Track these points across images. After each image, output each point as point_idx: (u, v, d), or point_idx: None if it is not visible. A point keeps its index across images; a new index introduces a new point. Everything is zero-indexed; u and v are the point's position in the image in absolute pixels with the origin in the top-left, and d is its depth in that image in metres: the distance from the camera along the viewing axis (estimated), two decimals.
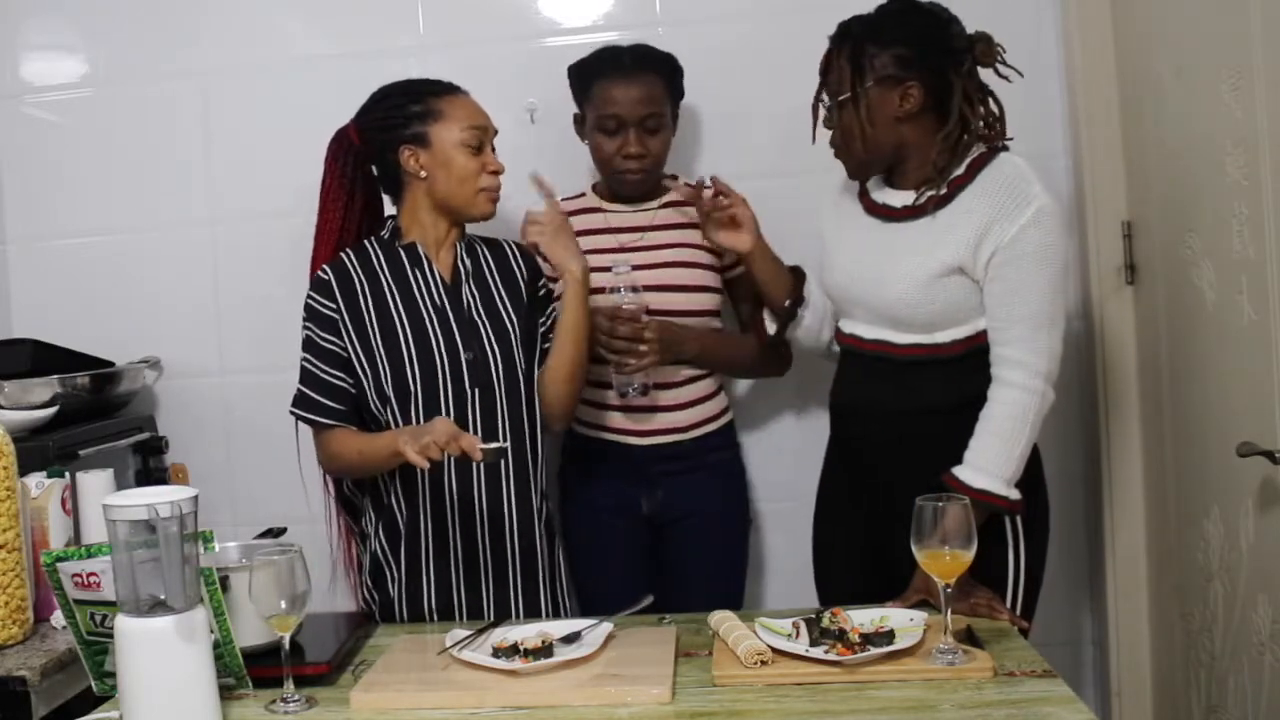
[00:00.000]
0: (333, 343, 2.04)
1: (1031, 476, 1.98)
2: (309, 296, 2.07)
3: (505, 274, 2.14)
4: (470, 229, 2.15)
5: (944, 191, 1.93)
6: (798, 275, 2.19)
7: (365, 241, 2.12)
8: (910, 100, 1.93)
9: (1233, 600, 2.01)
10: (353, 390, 2.04)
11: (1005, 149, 1.97)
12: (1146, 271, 2.36)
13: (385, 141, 2.07)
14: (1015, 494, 1.87)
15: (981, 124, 1.96)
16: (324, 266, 2.08)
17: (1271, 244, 1.78)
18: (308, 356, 2.05)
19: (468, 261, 2.12)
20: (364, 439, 2.02)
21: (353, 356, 2.04)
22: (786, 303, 2.17)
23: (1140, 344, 2.41)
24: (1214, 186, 1.94)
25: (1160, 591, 2.39)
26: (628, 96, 2.25)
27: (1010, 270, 1.87)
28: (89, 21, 2.75)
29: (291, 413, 2.06)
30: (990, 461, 1.86)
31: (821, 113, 2.01)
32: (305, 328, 2.06)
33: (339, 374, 2.03)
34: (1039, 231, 1.85)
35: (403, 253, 2.09)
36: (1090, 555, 2.58)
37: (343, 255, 2.09)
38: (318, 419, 2.03)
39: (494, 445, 1.86)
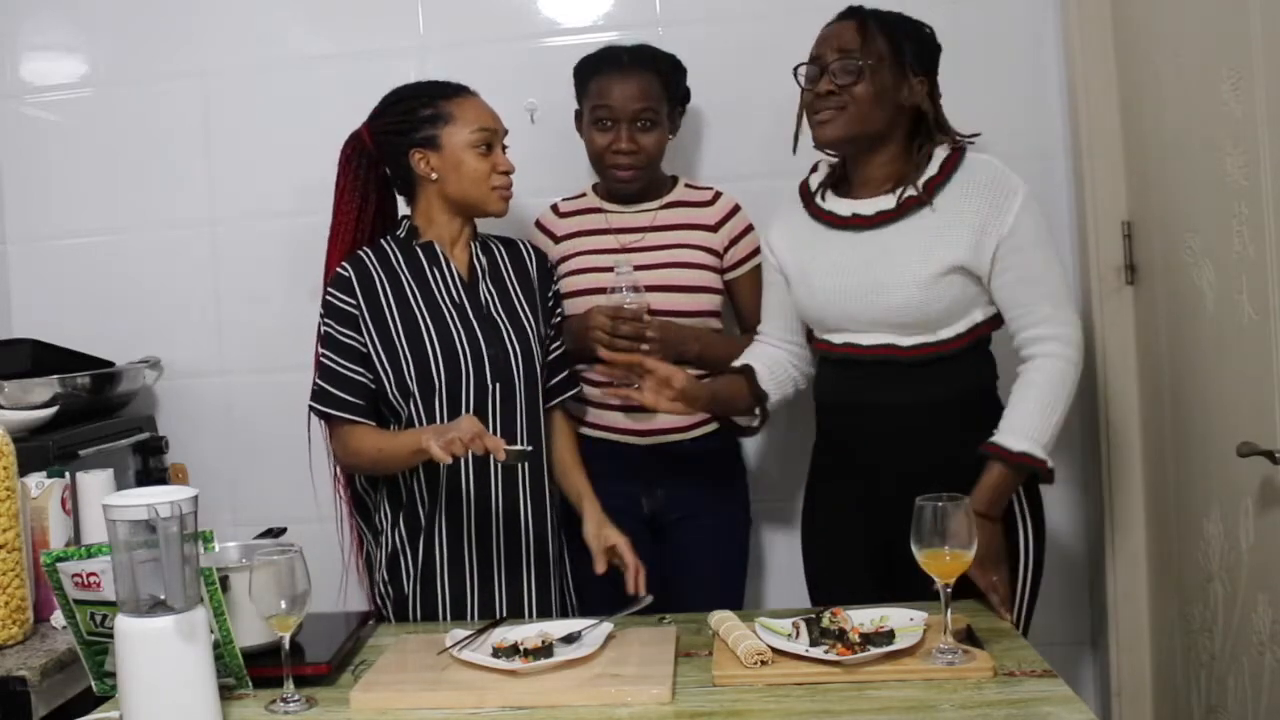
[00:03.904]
0: (352, 338, 2.05)
1: (1030, 486, 2.00)
2: (327, 293, 2.09)
3: (520, 272, 2.18)
4: (483, 226, 2.18)
5: (921, 193, 1.96)
6: (748, 376, 2.14)
7: (382, 241, 2.14)
8: (914, 93, 1.98)
9: (1233, 600, 2.01)
10: (371, 385, 2.06)
11: (964, 146, 2.00)
12: (1146, 271, 2.36)
13: (397, 145, 2.10)
14: (1050, 461, 1.90)
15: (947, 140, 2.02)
16: (343, 264, 2.10)
17: (1271, 244, 1.78)
18: (326, 352, 2.06)
19: (483, 259, 2.15)
20: (384, 436, 2.04)
21: (372, 352, 2.05)
22: (755, 423, 2.18)
23: (1140, 344, 2.41)
24: (1214, 186, 1.94)
25: (1160, 591, 2.39)
26: (622, 92, 2.25)
27: (1018, 258, 1.92)
28: (89, 21, 2.75)
29: (310, 407, 2.07)
30: (1030, 426, 1.89)
31: (824, 78, 1.97)
32: (324, 323, 2.08)
33: (358, 369, 2.05)
34: (1030, 216, 1.93)
35: (420, 251, 2.12)
36: (1090, 555, 2.58)
37: (361, 253, 2.11)
38: (336, 413, 2.04)
39: (517, 448, 1.87)
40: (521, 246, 2.23)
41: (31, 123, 2.77)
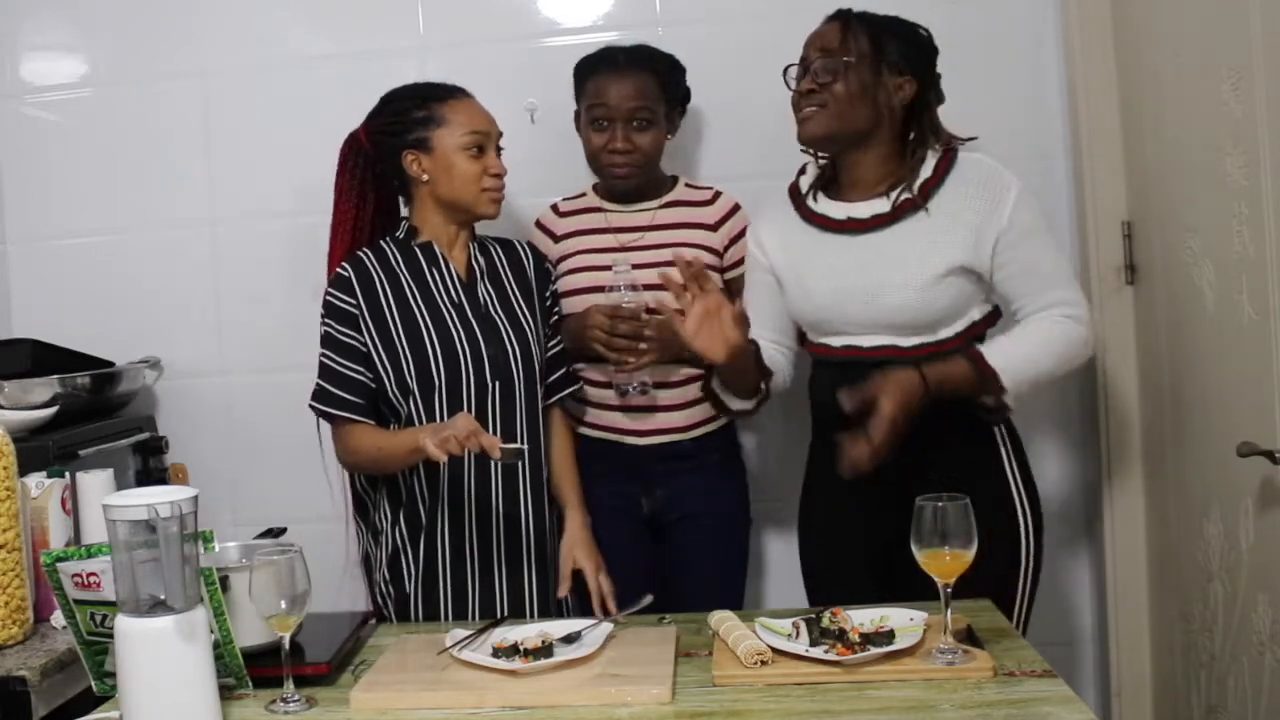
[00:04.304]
0: (352, 337, 2.06)
1: (1027, 481, 2.02)
2: (328, 293, 2.10)
3: (518, 273, 2.19)
4: (482, 227, 2.18)
5: (916, 195, 1.96)
6: (754, 348, 2.12)
7: (381, 241, 2.15)
8: (902, 93, 1.99)
9: (1233, 600, 2.01)
10: (372, 385, 2.07)
11: (955, 148, 2.01)
12: (1146, 271, 2.36)
13: (390, 146, 2.11)
14: (1010, 400, 1.92)
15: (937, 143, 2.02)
16: (343, 264, 2.11)
17: (1271, 244, 1.78)
18: (326, 352, 2.08)
19: (481, 260, 2.16)
20: (383, 435, 2.05)
21: (372, 350, 2.06)
22: (755, 400, 2.14)
23: (1140, 344, 2.41)
24: (1214, 186, 1.94)
25: (1160, 591, 2.39)
26: (617, 91, 2.26)
27: (1019, 251, 1.94)
28: (89, 21, 2.75)
29: (311, 407, 2.08)
30: (1014, 361, 1.91)
31: (806, 78, 1.99)
32: (324, 323, 2.09)
33: (358, 368, 2.06)
34: (1027, 210, 1.96)
35: (419, 251, 2.13)
36: (1090, 555, 2.58)
37: (361, 254, 2.12)
38: (337, 413, 2.06)
39: (513, 446, 1.88)
40: (519, 247, 2.24)
41: (31, 123, 2.78)
